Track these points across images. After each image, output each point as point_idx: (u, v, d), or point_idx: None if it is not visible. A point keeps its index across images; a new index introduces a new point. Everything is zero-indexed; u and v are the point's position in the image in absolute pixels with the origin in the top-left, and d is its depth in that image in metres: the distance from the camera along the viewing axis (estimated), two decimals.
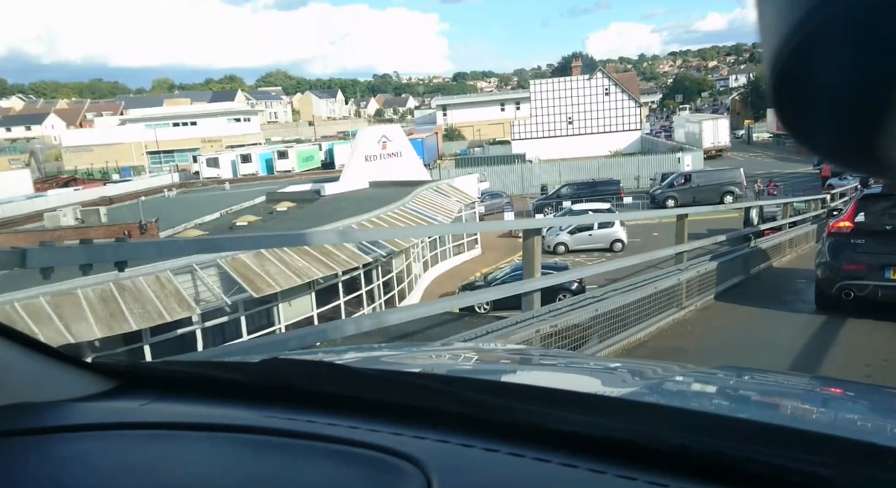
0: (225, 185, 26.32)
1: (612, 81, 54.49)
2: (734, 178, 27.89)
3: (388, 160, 23.95)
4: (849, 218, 6.47)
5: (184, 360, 1.39)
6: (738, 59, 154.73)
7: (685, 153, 36.40)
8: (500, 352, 2.15)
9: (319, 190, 21.80)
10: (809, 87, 0.36)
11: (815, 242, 11.03)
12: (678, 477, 0.71)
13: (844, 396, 1.39)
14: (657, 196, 28.53)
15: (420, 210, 17.57)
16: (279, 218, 18.43)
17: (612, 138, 52.17)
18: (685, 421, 0.83)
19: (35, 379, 1.02)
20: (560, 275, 7.19)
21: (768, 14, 0.34)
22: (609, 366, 1.80)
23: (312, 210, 19.10)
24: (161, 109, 77.06)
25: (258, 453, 0.80)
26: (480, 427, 0.82)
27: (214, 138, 68.57)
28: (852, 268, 6.15)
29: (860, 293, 6.13)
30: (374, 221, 14.97)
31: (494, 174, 40.28)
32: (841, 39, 0.32)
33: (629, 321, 5.27)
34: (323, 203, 20.49)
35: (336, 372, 1.09)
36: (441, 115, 76.65)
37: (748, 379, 1.49)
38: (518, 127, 55.26)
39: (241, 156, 53.63)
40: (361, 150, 23.09)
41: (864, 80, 0.33)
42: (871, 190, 7.27)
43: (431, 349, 2.01)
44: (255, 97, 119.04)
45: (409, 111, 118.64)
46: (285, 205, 19.95)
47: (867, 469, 0.68)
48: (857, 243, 6.26)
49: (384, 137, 23.95)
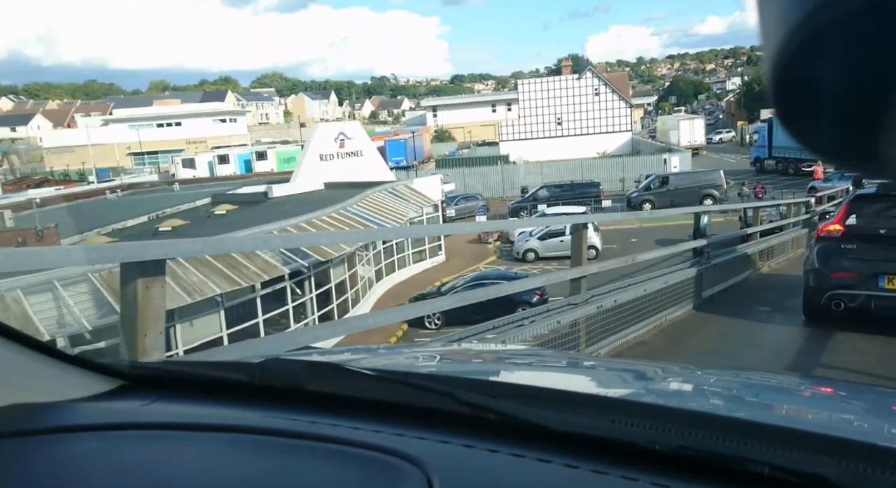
0: (175, 187, 24.73)
1: (602, 81, 53.08)
2: (714, 180, 26.29)
3: (346, 160, 22.32)
4: (839, 220, 5.98)
5: (185, 361, 1.54)
6: (736, 62, 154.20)
7: (672, 154, 34.73)
8: (502, 352, 2.13)
9: (268, 192, 20.16)
10: (810, 88, 0.36)
11: (805, 248, 10.29)
12: (679, 478, 0.72)
13: (843, 397, 1.38)
14: (633, 199, 26.91)
15: (363, 214, 15.92)
16: (215, 221, 16.82)
17: (603, 139, 50.86)
18: (686, 422, 0.82)
19: (36, 379, 1.02)
20: (511, 284, 5.78)
21: (769, 15, 0.34)
22: (610, 367, 1.83)
23: (252, 213, 17.49)
24: (145, 110, 76.43)
25: (260, 454, 0.81)
26: (482, 427, 0.84)
27: (199, 139, 68.22)
28: (842, 276, 5.68)
29: (851, 304, 5.62)
30: (301, 227, 13.31)
31: (475, 176, 38.90)
32: (842, 40, 0.32)
33: (594, 335, 4.81)
34: (268, 205, 18.88)
35: (338, 372, 1.08)
36: (431, 115, 75.70)
37: (748, 380, 1.51)
38: (506, 128, 53.88)
39: (219, 158, 52.32)
40: (316, 149, 21.45)
41: (865, 80, 0.33)
42: (864, 190, 6.68)
43: (433, 349, 2.03)
44: (247, 98, 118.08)
45: (402, 113, 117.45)
46: (225, 207, 18.33)
47: (867, 470, 0.68)
48: (848, 248, 5.76)
49: (342, 135, 22.30)
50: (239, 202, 20.18)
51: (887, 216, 5.86)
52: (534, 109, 52.92)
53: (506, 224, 21.01)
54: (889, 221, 5.80)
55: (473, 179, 38.56)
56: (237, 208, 18.55)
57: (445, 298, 4.95)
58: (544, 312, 4.65)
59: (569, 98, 52.33)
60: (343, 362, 1.22)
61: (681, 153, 35.98)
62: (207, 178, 34.47)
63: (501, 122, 56.88)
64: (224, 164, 50.52)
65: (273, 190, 20.07)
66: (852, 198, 6.52)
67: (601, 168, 37.12)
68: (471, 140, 66.60)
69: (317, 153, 21.42)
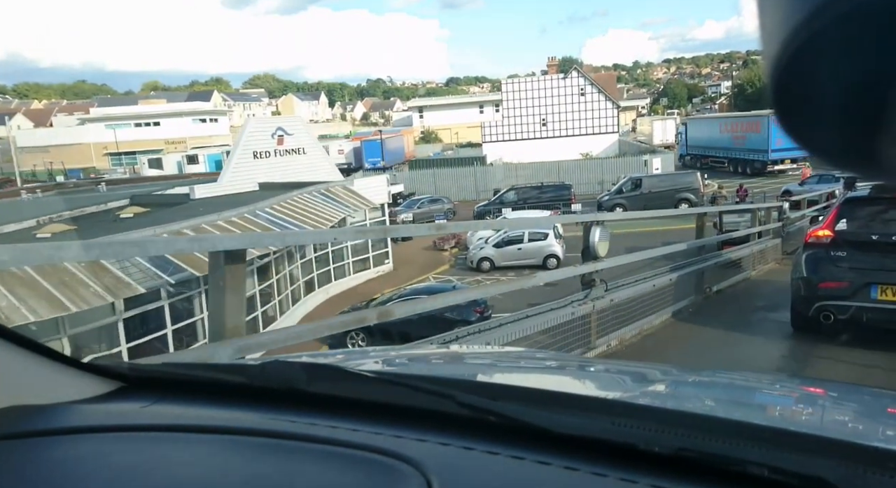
0: (101, 187, 22.71)
1: (588, 81, 51.26)
2: (690, 184, 24.27)
3: (285, 158, 20.22)
4: (829, 225, 5.60)
5: (184, 362, 1.48)
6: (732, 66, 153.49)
7: (654, 156, 32.67)
8: (501, 354, 2.13)
9: (190, 192, 18.06)
10: (810, 89, 0.35)
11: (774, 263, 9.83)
12: (679, 480, 0.72)
13: (840, 398, 1.37)
14: (604, 203, 24.81)
15: (277, 217, 13.84)
16: (115, 225, 14.73)
17: (589, 141, 49.10)
18: (685, 424, 0.82)
19: (36, 381, 1.01)
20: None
21: (769, 16, 0.34)
22: (609, 368, 1.80)
23: (162, 216, 15.39)
24: (122, 109, 75.03)
25: (259, 455, 0.80)
26: (482, 429, 0.83)
27: (179, 139, 66.91)
28: (832, 285, 5.35)
29: (842, 315, 5.27)
30: (183, 232, 11.22)
31: (448, 178, 37.13)
32: (842, 41, 0.32)
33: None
34: (187, 207, 16.77)
35: (337, 374, 1.08)
36: (417, 116, 74.26)
37: (747, 382, 1.52)
38: (489, 129, 52.01)
39: (188, 158, 50.52)
40: (248, 145, 19.34)
41: (865, 81, 0.33)
42: (856, 193, 6.30)
43: (432, 351, 2.09)
44: (234, 98, 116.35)
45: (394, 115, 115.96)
46: (132, 210, 16.25)
47: (866, 472, 0.68)
48: (839, 256, 5.42)
49: (280, 131, 20.20)
50: (159, 203, 18.08)
51: (881, 220, 5.43)
52: (518, 110, 51.16)
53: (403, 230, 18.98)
54: (883, 226, 5.35)
55: (446, 181, 36.87)
56: (148, 210, 16.46)
57: (347, 316, 4.30)
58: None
59: (554, 98, 50.64)
60: (342, 364, 1.21)
61: (663, 154, 34.00)
62: (140, 178, 32.43)
63: (483, 122, 55.09)
64: (193, 165, 48.74)
65: (196, 190, 17.97)
66: (843, 200, 5.99)
67: (581, 170, 35.47)
68: (458, 141, 65.39)
69: (249, 150, 19.31)
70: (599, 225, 4.64)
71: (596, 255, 4.69)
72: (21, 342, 1.03)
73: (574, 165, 36.97)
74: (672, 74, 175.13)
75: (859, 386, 1.72)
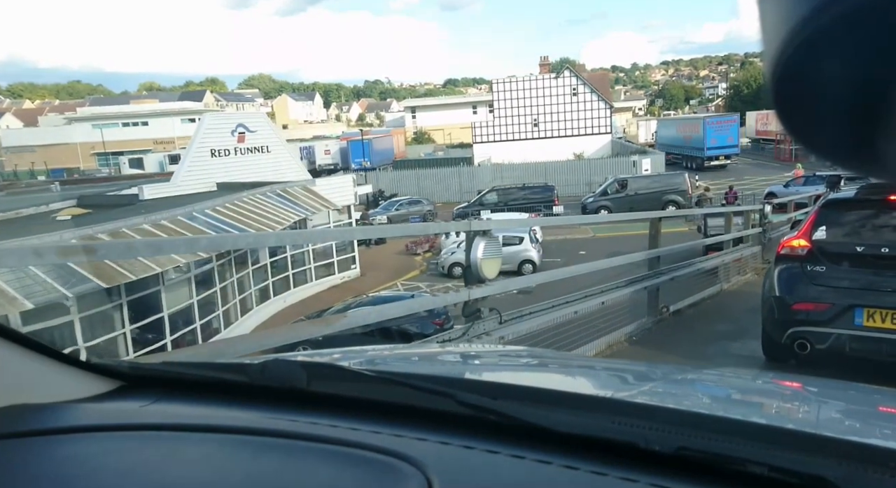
0: (54, 186, 21.59)
1: (580, 81, 50.16)
2: (678, 185, 23.07)
3: (246, 156, 19.02)
4: (805, 234, 4.59)
5: (185, 362, 1.38)
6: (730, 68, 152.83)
7: (643, 156, 31.50)
8: (501, 353, 2.11)
9: (139, 193, 16.88)
10: (810, 88, 0.35)
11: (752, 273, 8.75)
12: (679, 479, 0.72)
13: (841, 398, 1.35)
14: (588, 205, 23.65)
15: (217, 219, 12.66)
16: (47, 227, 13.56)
17: (582, 141, 48.01)
18: (685, 423, 0.82)
19: (36, 380, 1.01)
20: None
21: (770, 15, 0.34)
22: (609, 367, 1.77)
23: (99, 217, 14.22)
24: (110, 108, 73.99)
25: (259, 454, 0.80)
26: (482, 428, 0.83)
27: (167, 139, 65.95)
28: (808, 307, 4.35)
29: (820, 345, 4.26)
30: (98, 238, 10.03)
31: (432, 179, 36.04)
32: (842, 40, 0.32)
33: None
34: (136, 209, 15.57)
35: (338, 373, 1.06)
36: (410, 117, 73.27)
37: (746, 381, 1.50)
38: (480, 129, 50.91)
39: (170, 157, 49.33)
40: (205, 142, 18.14)
41: (865, 80, 0.33)
42: (839, 194, 5.40)
43: (432, 350, 2.04)
44: (227, 99, 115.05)
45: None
46: (70, 212, 15.09)
47: (867, 471, 0.68)
48: (816, 271, 4.41)
49: (241, 127, 19.00)
50: (106, 204, 16.88)
51: (869, 228, 4.48)
52: (509, 110, 50.09)
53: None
54: (871, 235, 4.41)
55: (430, 182, 35.78)
56: (89, 212, 15.28)
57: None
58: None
59: (546, 98, 49.57)
60: (343, 363, 1.20)
61: (653, 155, 32.80)
62: (100, 178, 31.23)
63: (474, 123, 54.00)
64: (175, 164, 47.58)
65: (145, 191, 16.78)
66: (822, 204, 4.95)
67: (571, 171, 34.42)
68: (450, 142, 64.52)
69: (206, 147, 18.12)
70: (485, 236, 3.46)
71: (480, 277, 3.52)
72: (21, 340, 1.02)
73: (563, 166, 35.90)
74: (670, 76, 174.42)
75: (858, 384, 1.53)
